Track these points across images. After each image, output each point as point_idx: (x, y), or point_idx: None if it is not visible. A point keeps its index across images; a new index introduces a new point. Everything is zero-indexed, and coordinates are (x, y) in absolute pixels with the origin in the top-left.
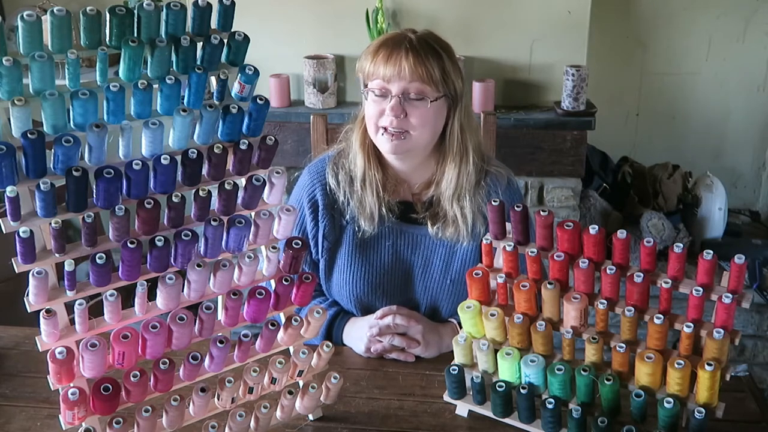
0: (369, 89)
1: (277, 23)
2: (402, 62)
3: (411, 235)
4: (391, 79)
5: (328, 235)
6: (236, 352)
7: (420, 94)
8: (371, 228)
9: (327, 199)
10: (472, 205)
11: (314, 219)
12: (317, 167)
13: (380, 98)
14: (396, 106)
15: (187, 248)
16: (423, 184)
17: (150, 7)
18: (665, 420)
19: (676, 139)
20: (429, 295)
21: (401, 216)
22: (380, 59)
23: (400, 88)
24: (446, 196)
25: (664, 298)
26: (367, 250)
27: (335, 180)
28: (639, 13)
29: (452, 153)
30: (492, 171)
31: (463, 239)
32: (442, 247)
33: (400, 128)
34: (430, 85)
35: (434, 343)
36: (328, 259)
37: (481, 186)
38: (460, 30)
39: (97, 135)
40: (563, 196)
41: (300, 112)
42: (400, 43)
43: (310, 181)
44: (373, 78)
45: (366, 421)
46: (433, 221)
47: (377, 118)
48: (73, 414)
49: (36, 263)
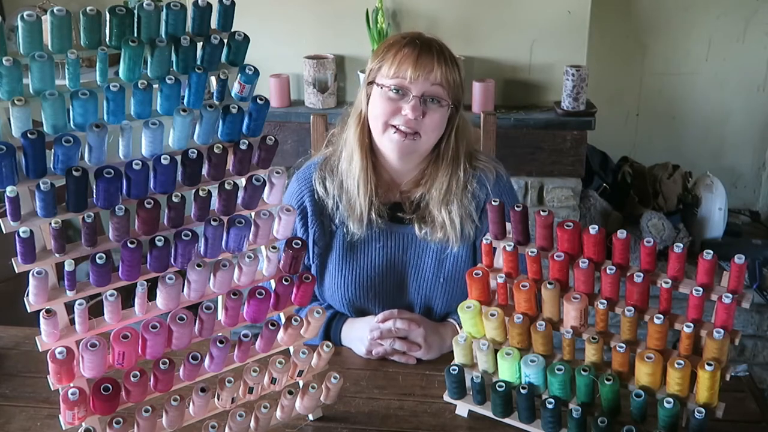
0: (382, 86)
1: (277, 23)
2: (433, 64)
3: (401, 236)
4: (417, 79)
5: (318, 241)
6: (236, 352)
7: (439, 97)
8: (360, 231)
9: (315, 206)
10: (460, 210)
11: (304, 225)
12: (304, 174)
13: (396, 96)
14: (417, 107)
15: (187, 248)
16: (411, 183)
17: (150, 7)
18: (665, 420)
19: (676, 139)
20: (422, 295)
21: (390, 217)
22: (406, 57)
23: (422, 89)
24: (435, 201)
25: (664, 298)
26: (358, 253)
27: (323, 187)
28: (639, 13)
29: (446, 160)
30: (480, 167)
31: (453, 244)
32: (433, 246)
33: (414, 129)
34: (448, 92)
35: (436, 345)
36: (320, 265)
37: (468, 189)
38: (460, 30)
39: (97, 135)
40: (563, 196)
41: (300, 112)
42: (428, 45)
43: (298, 188)
44: (393, 76)
45: (366, 421)
46: (421, 225)
47: (389, 116)
48: (73, 414)
49: (36, 263)
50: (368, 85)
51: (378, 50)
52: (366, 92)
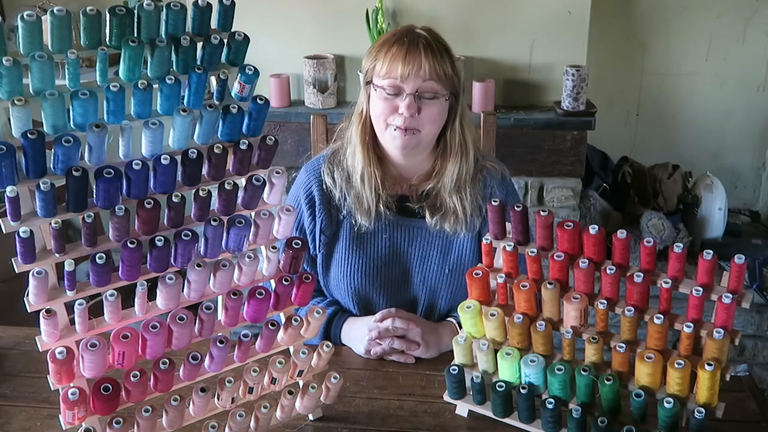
0: (377, 87)
1: (277, 23)
2: (421, 60)
3: (408, 228)
4: (407, 77)
5: (326, 230)
6: (236, 352)
7: (433, 92)
8: (368, 223)
9: (323, 195)
10: (471, 196)
11: (311, 214)
12: (313, 165)
13: (392, 96)
14: (411, 104)
15: (187, 248)
16: (422, 176)
17: (150, 7)
18: (665, 420)
19: (676, 139)
20: (427, 287)
21: (398, 209)
22: (395, 57)
23: (414, 86)
24: (447, 190)
25: (664, 298)
26: (365, 243)
27: (331, 178)
28: (639, 13)
29: (454, 149)
30: (487, 165)
31: (461, 230)
32: (439, 239)
33: (412, 126)
34: (443, 84)
35: (434, 344)
36: (326, 254)
37: (478, 179)
38: (460, 30)
39: (97, 135)
40: (563, 196)
41: (300, 112)
42: (415, 41)
43: (307, 177)
44: (385, 76)
45: (366, 421)
46: (432, 212)
47: (387, 116)
48: (73, 414)
49: (36, 263)
50: (366, 85)
51: (371, 49)
52: (366, 91)
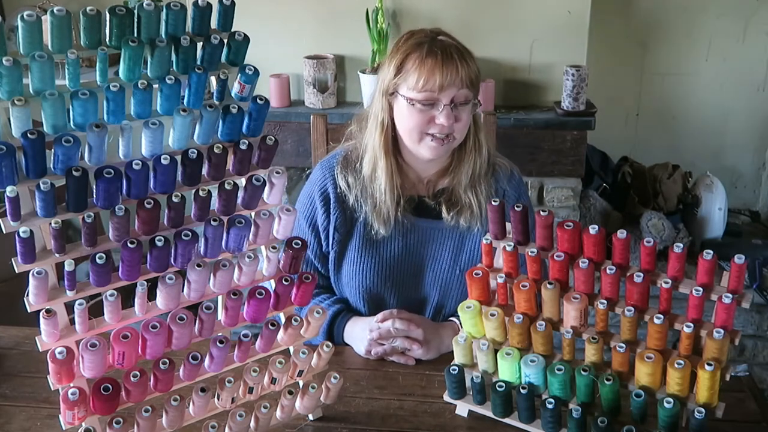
0: (412, 100)
1: (277, 23)
2: (458, 70)
3: (422, 229)
4: (445, 87)
5: (340, 228)
6: (236, 352)
7: (467, 99)
8: (385, 231)
9: (338, 194)
10: (486, 192)
11: (326, 212)
12: (329, 163)
13: (427, 107)
14: (450, 115)
15: (187, 248)
16: (438, 173)
17: (150, 7)
18: (665, 420)
19: (676, 139)
20: (438, 286)
21: (414, 209)
22: (432, 69)
23: (450, 95)
24: (462, 186)
25: (664, 298)
26: (379, 243)
27: (345, 182)
28: (639, 13)
29: (469, 147)
30: (498, 162)
31: (476, 225)
32: (451, 239)
33: (449, 132)
34: (474, 89)
35: (434, 345)
36: (339, 251)
37: (490, 174)
38: (460, 30)
39: (97, 135)
40: (563, 196)
41: (300, 112)
42: (448, 52)
43: (322, 175)
44: (422, 89)
45: (366, 421)
46: (449, 209)
47: (423, 126)
48: (73, 414)
49: (36, 263)
50: (391, 96)
51: (394, 58)
52: (387, 101)
